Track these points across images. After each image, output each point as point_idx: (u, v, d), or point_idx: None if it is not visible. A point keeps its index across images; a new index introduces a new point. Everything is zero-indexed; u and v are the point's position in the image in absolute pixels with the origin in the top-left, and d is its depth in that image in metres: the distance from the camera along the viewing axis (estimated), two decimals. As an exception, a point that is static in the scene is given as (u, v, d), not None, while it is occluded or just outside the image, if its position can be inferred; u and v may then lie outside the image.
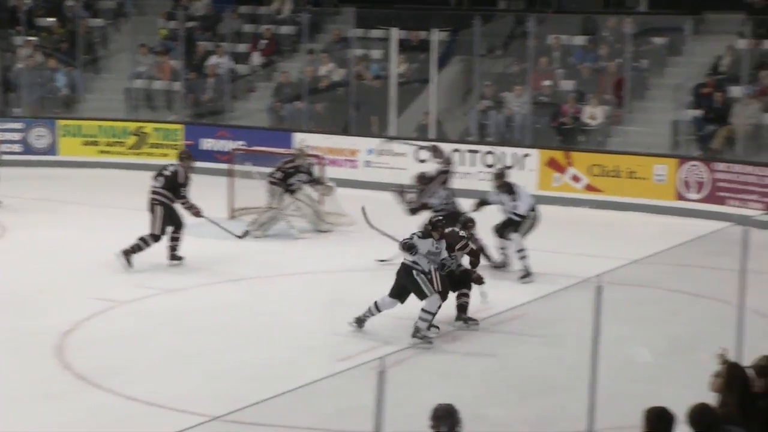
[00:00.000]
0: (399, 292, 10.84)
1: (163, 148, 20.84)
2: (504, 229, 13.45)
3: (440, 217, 11.34)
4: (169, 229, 13.57)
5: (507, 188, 13.56)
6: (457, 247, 11.13)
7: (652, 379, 9.55)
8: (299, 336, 11.00)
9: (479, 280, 11.20)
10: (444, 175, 13.96)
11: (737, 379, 6.40)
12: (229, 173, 16.80)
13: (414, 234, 10.84)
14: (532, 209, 13.40)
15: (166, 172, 13.63)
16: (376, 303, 10.92)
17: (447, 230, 11.02)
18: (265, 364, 10.20)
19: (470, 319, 11.10)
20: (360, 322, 10.97)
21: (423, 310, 10.61)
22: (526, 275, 13.09)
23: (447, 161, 14.44)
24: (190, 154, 14.39)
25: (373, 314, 10.92)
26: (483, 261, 12.43)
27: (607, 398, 6.92)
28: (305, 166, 15.90)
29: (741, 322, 8.18)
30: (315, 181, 15.99)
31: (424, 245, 10.68)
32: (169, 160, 18.50)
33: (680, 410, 6.03)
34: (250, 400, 7.49)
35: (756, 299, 8.70)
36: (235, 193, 16.54)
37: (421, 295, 10.63)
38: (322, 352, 10.43)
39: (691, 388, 6.74)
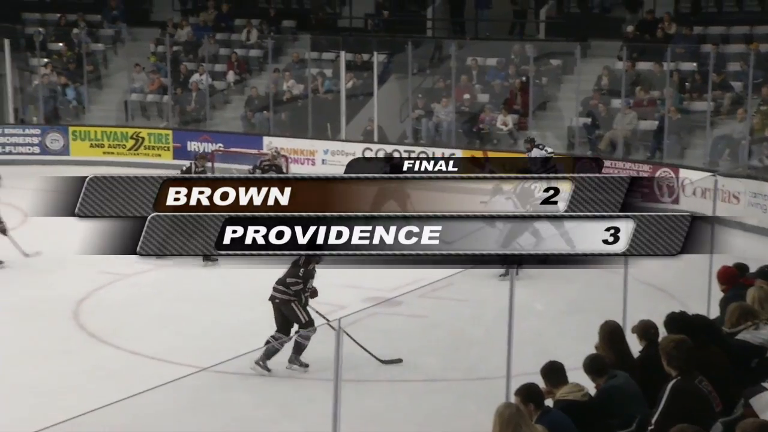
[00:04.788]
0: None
1: (156, 150, 20.63)
2: None
3: None
4: None
5: None
6: None
7: (552, 336, 9.60)
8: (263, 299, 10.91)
9: None
10: None
11: (614, 335, 6.43)
12: (212, 169, 16.76)
13: None
14: None
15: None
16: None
17: None
18: (236, 324, 10.07)
19: None
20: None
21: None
22: None
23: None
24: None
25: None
26: None
27: (519, 350, 6.93)
28: (278, 166, 15.71)
29: (625, 288, 8.26)
30: None
31: None
32: (161, 160, 18.51)
33: (574, 361, 6.06)
34: (228, 354, 7.31)
35: (635, 268, 8.72)
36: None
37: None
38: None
39: (583, 343, 6.71)
